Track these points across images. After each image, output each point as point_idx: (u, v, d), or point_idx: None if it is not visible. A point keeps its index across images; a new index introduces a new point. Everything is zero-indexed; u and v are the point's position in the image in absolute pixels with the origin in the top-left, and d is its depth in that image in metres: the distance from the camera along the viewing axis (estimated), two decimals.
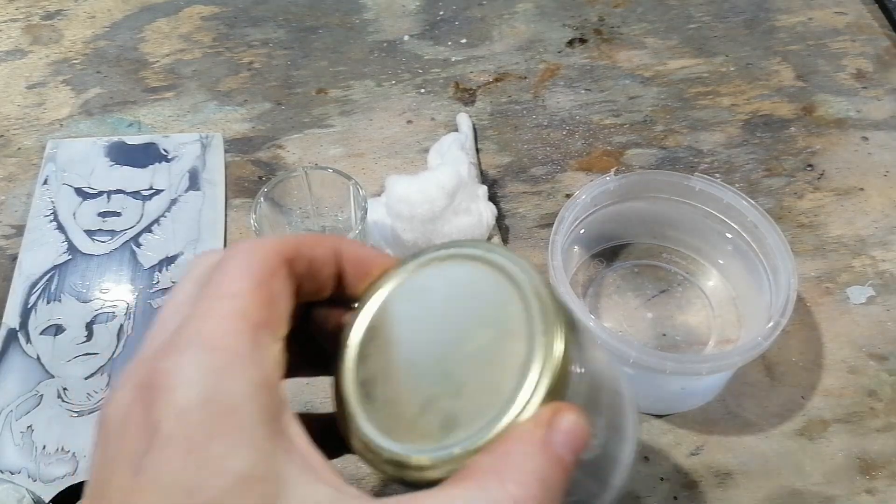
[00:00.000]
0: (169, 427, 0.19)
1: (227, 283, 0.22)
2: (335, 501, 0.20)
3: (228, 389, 0.20)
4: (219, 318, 0.21)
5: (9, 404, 0.47)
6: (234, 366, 0.20)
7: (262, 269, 0.23)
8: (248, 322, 0.21)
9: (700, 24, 0.69)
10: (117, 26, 0.69)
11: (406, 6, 0.71)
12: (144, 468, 0.19)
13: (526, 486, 0.20)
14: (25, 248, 0.54)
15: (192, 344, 0.21)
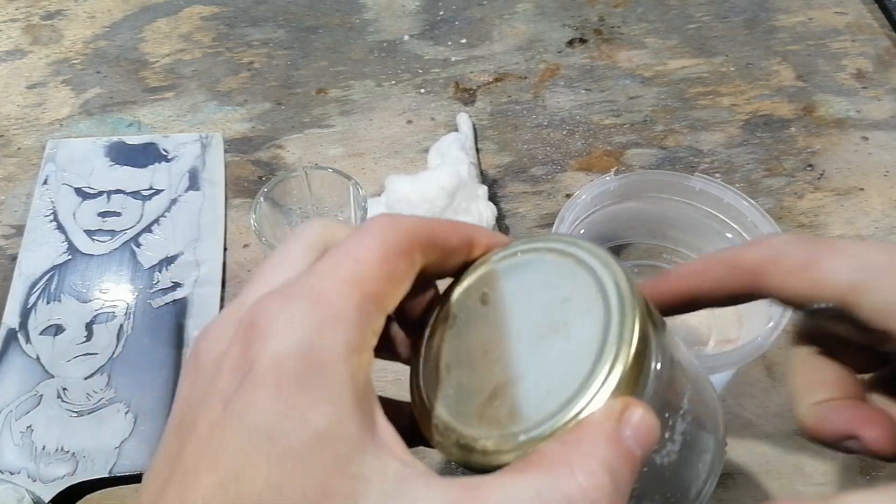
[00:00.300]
0: (263, 369, 0.20)
1: (355, 248, 0.23)
2: (403, 474, 0.20)
3: (326, 346, 0.20)
4: (334, 279, 0.22)
5: (8, 404, 0.47)
6: (337, 326, 0.21)
7: (393, 246, 0.23)
8: (361, 289, 0.22)
9: (700, 24, 0.69)
10: (117, 26, 0.69)
11: (406, 6, 0.71)
12: (233, 403, 0.20)
13: (595, 478, 0.20)
14: (25, 248, 0.54)
15: (301, 296, 0.21)
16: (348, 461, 0.20)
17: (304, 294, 0.21)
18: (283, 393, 0.20)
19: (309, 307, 0.21)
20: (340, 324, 0.21)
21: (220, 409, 0.20)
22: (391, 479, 0.20)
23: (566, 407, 0.22)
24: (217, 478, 0.19)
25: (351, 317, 0.21)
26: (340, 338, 0.21)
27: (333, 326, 0.21)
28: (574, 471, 0.20)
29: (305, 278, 0.22)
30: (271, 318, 0.21)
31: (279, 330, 0.20)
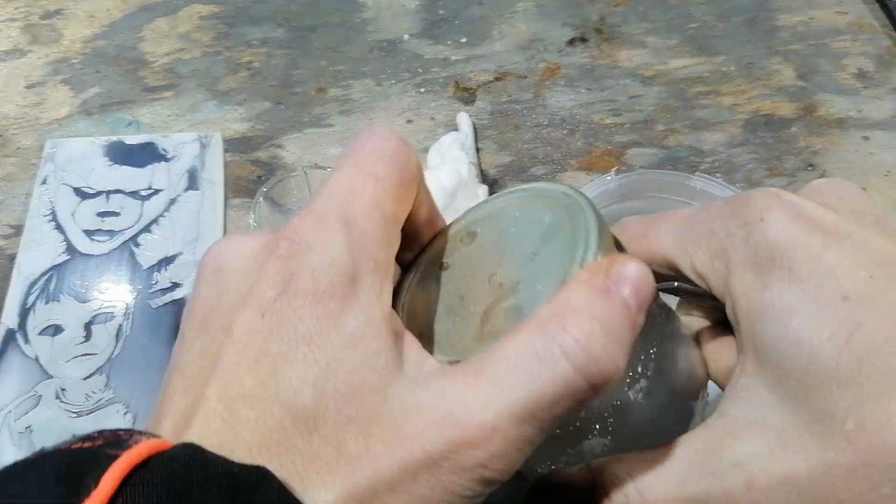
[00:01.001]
0: (302, 281, 0.21)
1: (375, 166, 0.24)
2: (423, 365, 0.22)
3: (358, 262, 0.22)
4: (362, 201, 0.23)
5: (7, 405, 0.47)
6: (365, 245, 0.22)
7: (407, 170, 0.24)
8: (383, 210, 0.23)
9: (701, 24, 0.69)
10: (116, 26, 0.69)
11: (406, 5, 0.71)
12: (272, 312, 0.21)
13: (589, 331, 0.20)
14: (24, 248, 0.54)
15: (335, 216, 0.23)
16: (377, 357, 0.21)
17: (335, 214, 0.23)
18: (321, 302, 0.21)
19: (342, 227, 0.22)
20: (368, 243, 0.22)
21: (259, 317, 0.21)
22: (413, 369, 0.22)
23: (555, 280, 0.22)
24: (258, 379, 0.21)
25: (376, 237, 0.23)
26: (369, 256, 0.22)
27: (362, 246, 0.22)
28: (566, 326, 0.21)
29: (335, 195, 0.24)
30: (308, 235, 0.22)
31: (317, 246, 0.22)
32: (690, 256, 0.26)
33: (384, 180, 0.24)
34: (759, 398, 0.23)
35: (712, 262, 0.25)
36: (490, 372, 0.21)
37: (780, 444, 0.22)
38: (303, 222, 0.23)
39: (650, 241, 0.27)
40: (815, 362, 0.22)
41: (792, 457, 0.22)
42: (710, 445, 0.23)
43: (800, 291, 0.22)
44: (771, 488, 0.22)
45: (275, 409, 0.20)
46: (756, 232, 0.24)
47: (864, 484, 0.20)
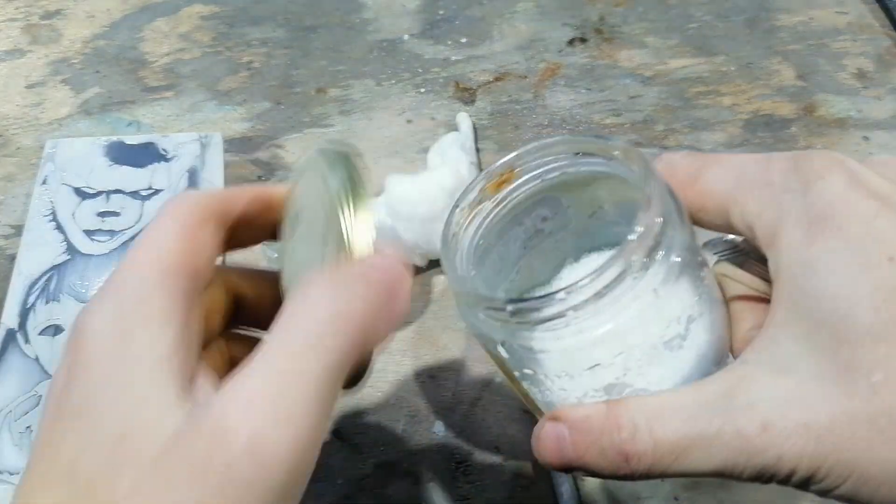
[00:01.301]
0: (84, 361, 0.23)
1: (152, 234, 0.25)
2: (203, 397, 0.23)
3: (134, 332, 0.23)
4: (135, 267, 0.24)
5: (8, 405, 0.47)
6: (138, 305, 0.23)
7: (187, 221, 0.26)
8: (160, 266, 0.24)
9: (701, 24, 0.69)
10: (116, 26, 0.69)
11: (406, 5, 0.71)
12: (64, 401, 0.23)
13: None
14: (24, 248, 0.54)
15: (109, 291, 0.24)
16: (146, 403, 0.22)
17: (110, 290, 0.24)
18: (101, 384, 0.22)
19: (114, 300, 0.24)
20: (143, 307, 0.23)
21: (55, 408, 0.23)
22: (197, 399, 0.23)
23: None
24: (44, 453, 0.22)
25: (153, 295, 0.24)
26: (146, 320, 0.23)
27: (135, 307, 0.23)
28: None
29: (115, 274, 0.25)
30: (85, 315, 0.24)
31: (92, 326, 0.23)
32: (742, 205, 0.26)
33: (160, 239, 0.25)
34: (784, 349, 0.23)
35: (763, 212, 0.25)
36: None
37: (802, 392, 0.22)
38: (85, 309, 0.24)
39: (702, 185, 0.27)
40: (850, 317, 0.22)
41: (812, 404, 0.22)
42: (726, 388, 0.24)
43: (847, 249, 0.23)
44: (787, 431, 0.22)
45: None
46: (814, 189, 0.24)
47: (885, 433, 0.21)
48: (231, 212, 0.27)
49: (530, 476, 0.45)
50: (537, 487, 0.45)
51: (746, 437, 0.23)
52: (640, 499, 0.44)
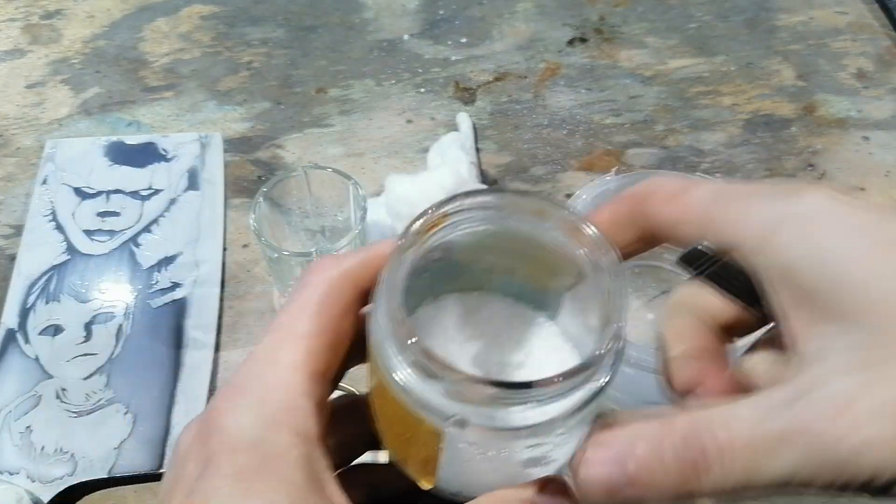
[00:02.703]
0: (221, 460, 0.22)
1: (295, 322, 0.24)
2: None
3: (275, 439, 0.22)
4: (279, 367, 0.23)
5: (7, 405, 0.47)
6: (283, 419, 0.23)
7: (333, 308, 0.24)
8: (306, 371, 0.23)
9: (701, 24, 0.69)
10: (116, 26, 0.69)
11: (406, 5, 0.71)
12: (196, 491, 0.22)
13: None
14: (24, 248, 0.54)
15: (250, 390, 0.23)
16: None
17: (253, 388, 0.23)
18: (242, 479, 0.22)
19: (256, 403, 0.23)
20: (287, 415, 0.23)
21: (184, 498, 0.22)
22: None
23: None
24: None
25: (298, 405, 0.23)
26: (287, 430, 0.23)
27: (280, 419, 0.23)
28: None
29: (256, 366, 0.24)
30: (226, 414, 0.23)
31: (232, 426, 0.22)
32: (725, 213, 0.24)
33: (304, 335, 0.24)
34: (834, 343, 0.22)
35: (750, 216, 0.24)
36: None
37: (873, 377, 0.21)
38: (222, 400, 0.23)
39: (685, 198, 0.26)
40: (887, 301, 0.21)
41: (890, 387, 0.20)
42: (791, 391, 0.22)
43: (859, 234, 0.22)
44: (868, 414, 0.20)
45: None
46: (803, 195, 0.23)
47: None
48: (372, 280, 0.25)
49: None
50: None
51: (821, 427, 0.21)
52: None
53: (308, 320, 0.24)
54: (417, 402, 0.23)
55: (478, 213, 0.25)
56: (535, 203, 0.25)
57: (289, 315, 0.24)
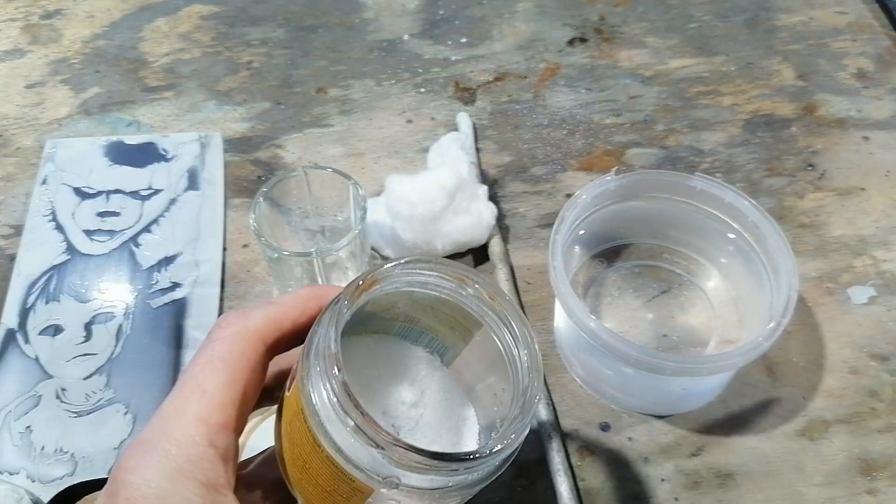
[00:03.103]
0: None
1: (200, 376, 0.25)
2: None
3: (181, 491, 0.23)
4: (184, 421, 0.24)
5: (7, 405, 0.47)
6: (189, 470, 0.24)
7: (238, 362, 0.26)
8: (210, 425, 0.24)
9: (701, 24, 0.69)
10: (116, 26, 0.69)
11: (406, 5, 0.71)
12: None
13: None
14: (24, 248, 0.54)
15: (156, 446, 0.24)
16: None
17: (158, 442, 0.24)
18: None
19: (164, 456, 0.24)
20: (193, 466, 0.24)
21: None
22: None
23: None
24: None
25: (203, 456, 0.24)
26: (194, 481, 0.23)
27: (187, 471, 0.24)
28: None
29: (161, 421, 0.25)
30: (131, 471, 0.24)
31: (138, 483, 0.23)
32: None
33: (209, 390, 0.25)
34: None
35: None
36: None
37: None
38: (128, 458, 0.24)
39: None
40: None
41: None
42: None
43: None
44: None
45: None
46: None
47: None
48: (284, 335, 0.27)
49: (530, 476, 0.45)
50: (537, 487, 0.45)
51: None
52: (641, 499, 0.44)
53: (213, 374, 0.25)
54: (353, 463, 0.24)
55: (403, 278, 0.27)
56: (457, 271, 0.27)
57: (195, 369, 0.25)
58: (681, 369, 0.40)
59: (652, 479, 0.45)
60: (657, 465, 0.45)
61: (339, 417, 0.24)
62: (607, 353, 0.41)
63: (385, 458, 0.24)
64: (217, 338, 0.26)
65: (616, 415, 0.47)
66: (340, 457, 0.24)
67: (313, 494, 0.26)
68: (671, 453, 0.46)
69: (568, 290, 0.43)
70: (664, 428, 0.47)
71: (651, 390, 0.46)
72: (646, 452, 0.46)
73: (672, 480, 0.45)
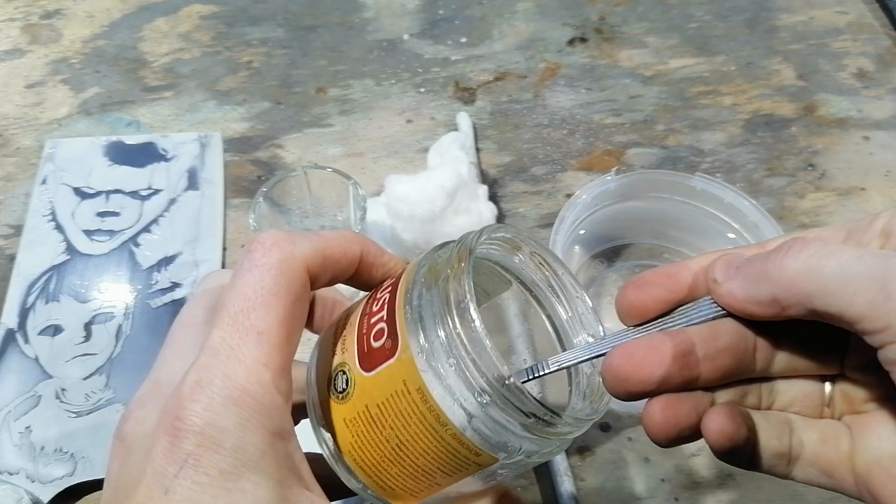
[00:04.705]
0: (202, 460, 0.22)
1: (252, 313, 0.23)
2: None
3: (254, 440, 0.22)
4: (245, 365, 0.23)
5: (7, 405, 0.47)
6: (258, 419, 0.23)
7: (288, 297, 0.24)
8: (271, 370, 0.23)
9: (701, 24, 0.69)
10: (116, 26, 0.69)
11: (406, 5, 0.71)
12: (175, 489, 0.22)
13: None
14: (24, 248, 0.54)
15: (220, 391, 0.23)
16: None
17: (222, 388, 0.23)
18: (224, 479, 0.22)
19: (230, 401, 0.22)
20: (262, 414, 0.23)
21: (162, 494, 0.22)
22: None
23: None
24: None
25: (270, 403, 0.23)
26: (263, 430, 0.23)
27: (256, 420, 0.23)
28: None
29: (216, 361, 0.23)
30: (199, 415, 0.22)
31: (208, 428, 0.22)
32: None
33: (265, 333, 0.23)
34: None
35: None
36: None
37: None
38: (193, 402, 0.22)
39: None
40: None
41: None
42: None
43: None
44: None
45: None
46: None
47: None
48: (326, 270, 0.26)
49: (530, 476, 0.45)
50: (537, 487, 0.45)
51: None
52: (641, 499, 0.44)
53: (267, 313, 0.23)
54: (485, 437, 0.23)
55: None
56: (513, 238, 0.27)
57: (243, 303, 0.24)
58: None
59: (652, 479, 0.45)
60: (657, 465, 0.45)
61: (481, 390, 0.23)
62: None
63: (529, 429, 0.23)
64: (263, 263, 0.24)
65: (616, 415, 0.47)
66: (471, 433, 0.23)
67: (400, 476, 0.25)
68: (671, 453, 0.46)
69: None
70: None
71: None
72: (646, 452, 0.46)
73: (672, 480, 0.45)
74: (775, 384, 0.26)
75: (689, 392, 0.25)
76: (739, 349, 0.25)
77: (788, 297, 0.22)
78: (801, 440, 0.26)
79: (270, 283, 0.24)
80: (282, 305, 0.24)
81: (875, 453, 0.24)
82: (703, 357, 0.24)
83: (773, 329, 0.25)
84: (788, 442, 0.26)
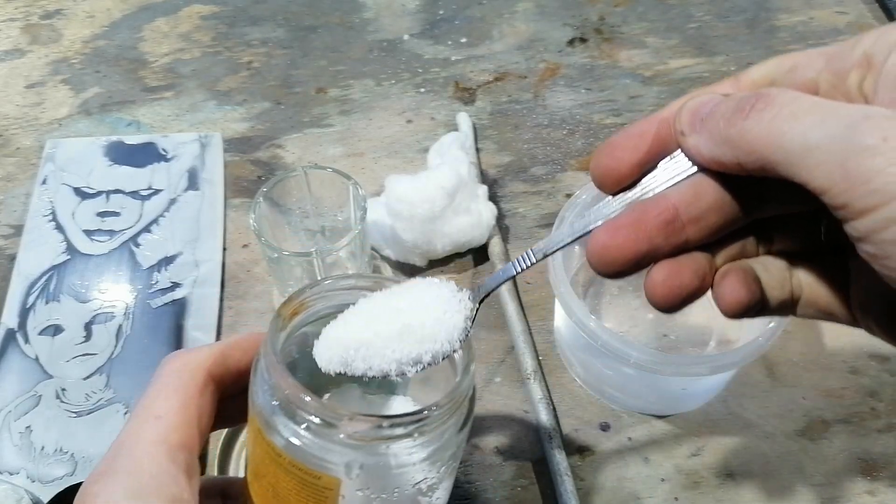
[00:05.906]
0: None
1: (155, 404, 0.27)
2: None
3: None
4: (143, 443, 0.26)
5: (7, 405, 0.47)
6: (153, 487, 0.25)
7: (188, 389, 0.27)
8: (168, 444, 0.26)
9: (701, 24, 0.69)
10: (116, 26, 0.69)
11: (406, 5, 0.71)
12: None
13: None
14: (24, 248, 0.54)
15: (119, 468, 0.25)
16: None
17: (120, 465, 0.25)
18: None
19: (127, 476, 0.25)
20: (156, 482, 0.25)
21: None
22: None
23: None
24: None
25: (165, 471, 0.25)
26: (158, 496, 0.25)
27: (151, 488, 0.25)
28: None
29: (119, 448, 0.26)
30: (95, 495, 0.24)
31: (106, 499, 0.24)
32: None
33: (163, 415, 0.26)
34: None
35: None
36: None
37: None
38: (92, 483, 0.25)
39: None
40: None
41: None
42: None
43: None
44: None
45: None
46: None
47: None
48: (229, 369, 0.28)
49: (530, 476, 0.45)
50: (537, 487, 0.45)
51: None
52: (641, 499, 0.44)
53: (165, 401, 0.27)
54: (313, 455, 0.25)
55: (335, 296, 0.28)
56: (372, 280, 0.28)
57: (145, 401, 0.27)
58: (681, 369, 0.40)
59: (652, 478, 0.45)
60: (657, 464, 0.45)
61: (286, 408, 0.25)
62: (607, 353, 0.41)
63: (339, 438, 0.24)
64: (163, 373, 0.28)
65: (616, 415, 0.47)
66: (299, 453, 0.25)
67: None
68: (671, 453, 0.46)
69: (568, 289, 0.43)
70: (664, 428, 0.47)
71: (651, 390, 0.46)
72: (646, 452, 0.46)
73: (672, 480, 0.45)
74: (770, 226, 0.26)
75: (688, 254, 0.24)
76: (725, 203, 0.24)
77: (752, 163, 0.21)
78: (800, 282, 0.26)
79: (170, 381, 0.27)
80: (179, 396, 0.27)
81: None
82: (687, 221, 0.24)
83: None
84: (790, 289, 0.26)
